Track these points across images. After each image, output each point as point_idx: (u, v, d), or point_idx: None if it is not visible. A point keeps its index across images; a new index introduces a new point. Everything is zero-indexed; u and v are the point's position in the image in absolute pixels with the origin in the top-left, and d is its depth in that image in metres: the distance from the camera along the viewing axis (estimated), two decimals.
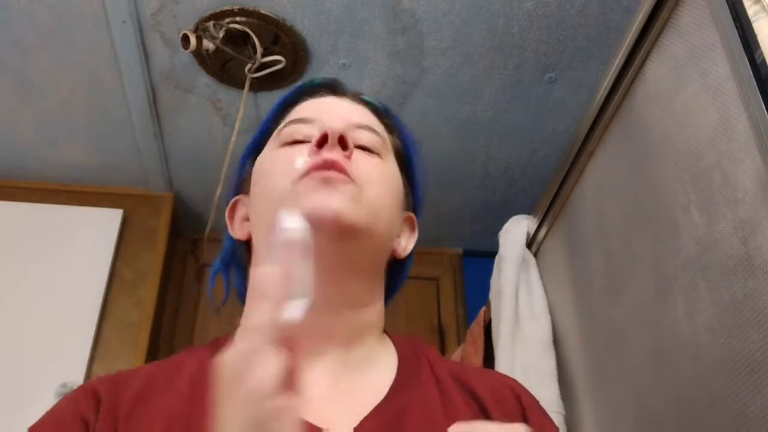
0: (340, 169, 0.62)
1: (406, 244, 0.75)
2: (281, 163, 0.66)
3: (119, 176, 2.32)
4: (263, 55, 1.79)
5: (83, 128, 2.11)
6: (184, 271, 2.52)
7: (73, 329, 2.03)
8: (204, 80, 1.93)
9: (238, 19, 1.73)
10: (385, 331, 0.72)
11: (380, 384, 0.63)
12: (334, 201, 0.60)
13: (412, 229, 0.78)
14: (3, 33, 1.78)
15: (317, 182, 0.61)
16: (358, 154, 0.66)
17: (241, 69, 1.83)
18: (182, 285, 2.49)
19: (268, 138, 0.74)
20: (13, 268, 2.10)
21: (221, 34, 1.73)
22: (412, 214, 0.78)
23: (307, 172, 0.62)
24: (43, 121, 2.08)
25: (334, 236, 0.61)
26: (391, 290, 0.76)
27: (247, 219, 0.71)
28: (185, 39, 1.70)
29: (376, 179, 0.66)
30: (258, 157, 0.72)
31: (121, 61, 1.84)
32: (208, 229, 2.27)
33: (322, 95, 0.75)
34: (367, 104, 0.76)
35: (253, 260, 0.70)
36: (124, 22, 1.73)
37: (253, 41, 1.76)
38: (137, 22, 1.75)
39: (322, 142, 0.64)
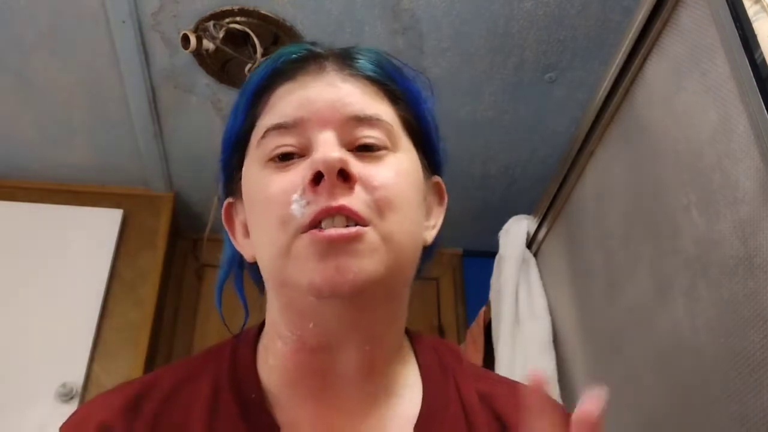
0: (348, 213, 0.53)
1: (436, 220, 0.65)
2: (275, 202, 0.55)
3: (119, 176, 2.32)
4: (263, 55, 1.79)
5: (83, 128, 2.11)
6: (184, 271, 2.52)
7: (73, 329, 2.03)
8: (204, 80, 1.93)
9: (238, 19, 1.73)
10: (408, 333, 0.66)
11: (407, 417, 0.59)
12: (349, 270, 0.52)
13: (441, 198, 0.67)
14: (3, 33, 1.78)
15: (323, 247, 0.52)
16: (363, 165, 0.56)
17: (241, 69, 1.83)
18: (182, 285, 2.49)
19: (249, 128, 0.62)
20: (13, 268, 2.10)
21: (221, 34, 1.73)
22: (438, 179, 0.67)
23: (308, 227, 0.53)
24: (43, 121, 2.08)
25: (353, 298, 0.54)
26: (418, 272, 0.65)
27: (247, 232, 0.62)
28: (185, 39, 1.70)
29: (391, 196, 0.56)
30: (244, 169, 0.62)
31: (121, 61, 1.84)
32: (208, 229, 2.27)
33: (301, 76, 0.60)
34: (361, 76, 0.62)
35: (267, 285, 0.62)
36: (124, 22, 1.73)
37: (253, 41, 1.76)
38: (137, 22, 1.74)
39: (318, 178, 0.53)
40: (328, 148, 0.55)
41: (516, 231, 1.54)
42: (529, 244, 1.53)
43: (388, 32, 1.78)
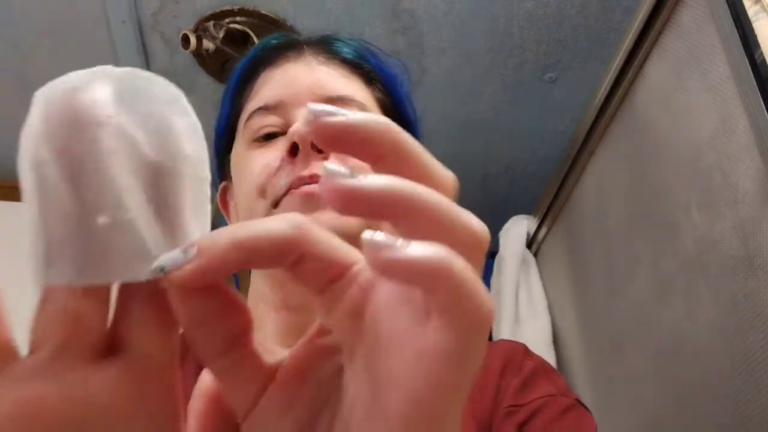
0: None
1: None
2: (258, 175, 0.61)
3: None
4: None
5: None
6: None
7: None
8: (204, 80, 1.93)
9: (238, 19, 1.73)
10: None
11: None
12: (322, 220, 0.56)
13: None
14: (3, 33, 1.78)
15: (298, 202, 0.58)
16: None
17: None
18: None
19: (236, 114, 0.68)
20: (14, 269, 2.10)
21: (221, 34, 1.73)
22: None
23: (285, 193, 0.59)
24: None
25: None
26: None
27: None
28: (185, 39, 1.70)
29: (362, 165, 0.61)
30: (233, 151, 0.67)
31: (121, 61, 1.84)
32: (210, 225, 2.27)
33: (282, 62, 0.66)
34: (337, 59, 0.67)
35: None
36: (124, 22, 1.73)
37: (253, 41, 1.76)
38: (137, 22, 1.75)
39: (294, 150, 0.59)
40: (302, 121, 0.61)
41: (516, 231, 1.54)
42: (529, 244, 1.53)
43: (388, 32, 1.78)
